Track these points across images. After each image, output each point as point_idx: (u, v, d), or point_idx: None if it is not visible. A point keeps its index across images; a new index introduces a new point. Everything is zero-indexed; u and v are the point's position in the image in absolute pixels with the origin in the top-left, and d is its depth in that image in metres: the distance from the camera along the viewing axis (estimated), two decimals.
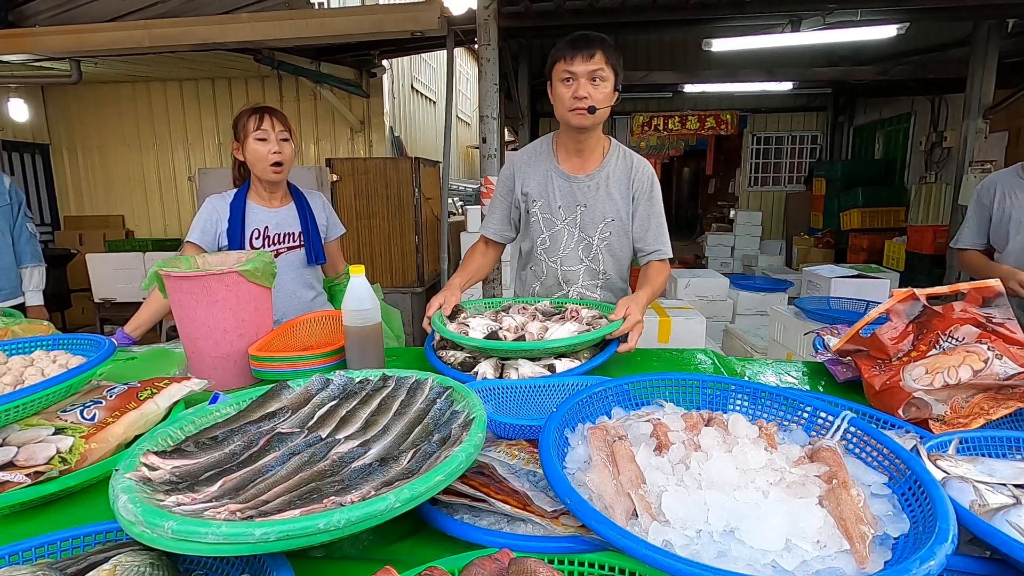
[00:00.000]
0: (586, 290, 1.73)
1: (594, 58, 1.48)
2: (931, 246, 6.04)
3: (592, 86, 1.50)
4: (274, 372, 1.26)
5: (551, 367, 1.25)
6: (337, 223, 2.06)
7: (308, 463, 0.70)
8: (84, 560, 0.60)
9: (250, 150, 1.77)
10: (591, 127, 1.57)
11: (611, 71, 1.51)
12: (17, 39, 4.28)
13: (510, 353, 1.28)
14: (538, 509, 0.69)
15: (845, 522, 0.60)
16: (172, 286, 1.30)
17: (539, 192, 1.69)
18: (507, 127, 8.40)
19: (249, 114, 1.78)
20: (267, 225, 1.86)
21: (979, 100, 5.26)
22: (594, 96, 1.50)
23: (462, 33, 4.36)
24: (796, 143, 9.41)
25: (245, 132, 1.77)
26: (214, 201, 1.85)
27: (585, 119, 1.53)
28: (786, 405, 0.86)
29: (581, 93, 1.49)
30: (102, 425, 0.91)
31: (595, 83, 1.50)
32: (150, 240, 6.48)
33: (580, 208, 1.66)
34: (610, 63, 1.50)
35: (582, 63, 1.48)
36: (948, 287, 1.17)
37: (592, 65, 1.48)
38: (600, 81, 1.50)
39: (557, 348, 1.25)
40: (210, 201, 1.85)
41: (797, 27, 4.95)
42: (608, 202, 1.66)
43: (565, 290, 1.74)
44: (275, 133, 1.78)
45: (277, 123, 1.78)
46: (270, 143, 1.76)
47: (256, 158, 1.77)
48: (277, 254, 1.86)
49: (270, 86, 6.40)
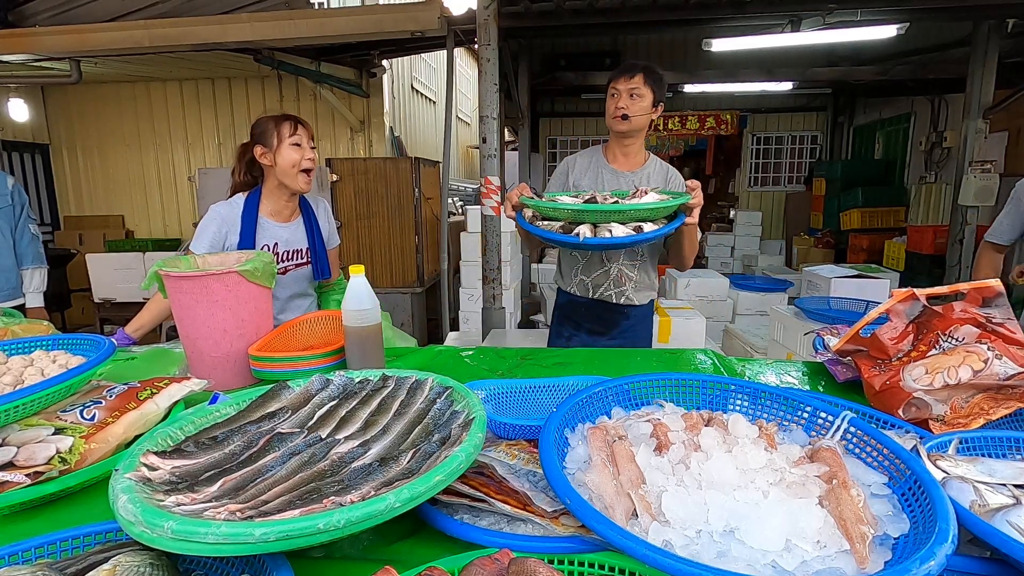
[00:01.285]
0: (625, 268, 1.97)
1: (634, 79, 1.84)
2: (931, 246, 6.04)
3: (630, 100, 1.84)
4: (274, 372, 1.26)
5: (639, 227, 1.53)
6: (335, 232, 2.05)
7: (308, 463, 0.70)
8: (84, 560, 0.60)
9: (284, 156, 1.75)
10: (628, 132, 1.90)
11: (648, 90, 1.84)
12: (17, 39, 4.28)
13: (605, 216, 1.54)
14: (538, 509, 0.69)
15: (845, 522, 0.60)
16: (172, 286, 1.30)
17: (589, 184, 1.97)
18: (507, 127, 8.39)
19: (281, 120, 1.76)
20: (276, 242, 1.83)
21: (979, 100, 5.25)
22: (631, 108, 1.85)
23: (462, 33, 4.36)
24: (796, 143, 9.40)
25: (278, 137, 1.75)
26: (221, 211, 1.78)
27: (621, 124, 1.87)
28: (786, 405, 0.86)
29: (621, 105, 1.85)
30: (102, 425, 0.91)
31: (633, 98, 1.84)
32: (150, 240, 6.49)
33: None
34: (648, 84, 1.84)
35: (624, 83, 1.85)
36: (948, 287, 1.17)
37: (631, 84, 1.84)
38: (637, 97, 1.84)
39: (644, 211, 1.52)
40: (216, 211, 1.78)
41: (797, 27, 4.95)
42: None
43: (607, 267, 1.97)
44: (307, 141, 1.78)
45: (306, 132, 1.79)
46: (304, 150, 1.77)
47: (289, 164, 1.75)
48: (284, 271, 1.84)
49: (270, 86, 6.41)
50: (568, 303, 2.09)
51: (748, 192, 9.64)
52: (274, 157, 1.76)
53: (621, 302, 1.98)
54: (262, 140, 1.77)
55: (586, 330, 2.05)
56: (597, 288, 1.99)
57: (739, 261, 8.88)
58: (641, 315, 2.05)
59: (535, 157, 8.57)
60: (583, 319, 2.06)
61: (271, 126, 1.76)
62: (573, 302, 2.07)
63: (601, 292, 1.99)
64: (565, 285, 2.09)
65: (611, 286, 1.97)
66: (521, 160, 7.96)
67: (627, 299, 1.98)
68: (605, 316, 2.01)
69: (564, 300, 2.12)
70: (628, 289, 1.97)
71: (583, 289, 2.02)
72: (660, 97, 1.88)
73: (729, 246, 9.05)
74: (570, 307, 2.09)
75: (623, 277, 1.96)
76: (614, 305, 2.00)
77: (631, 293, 1.97)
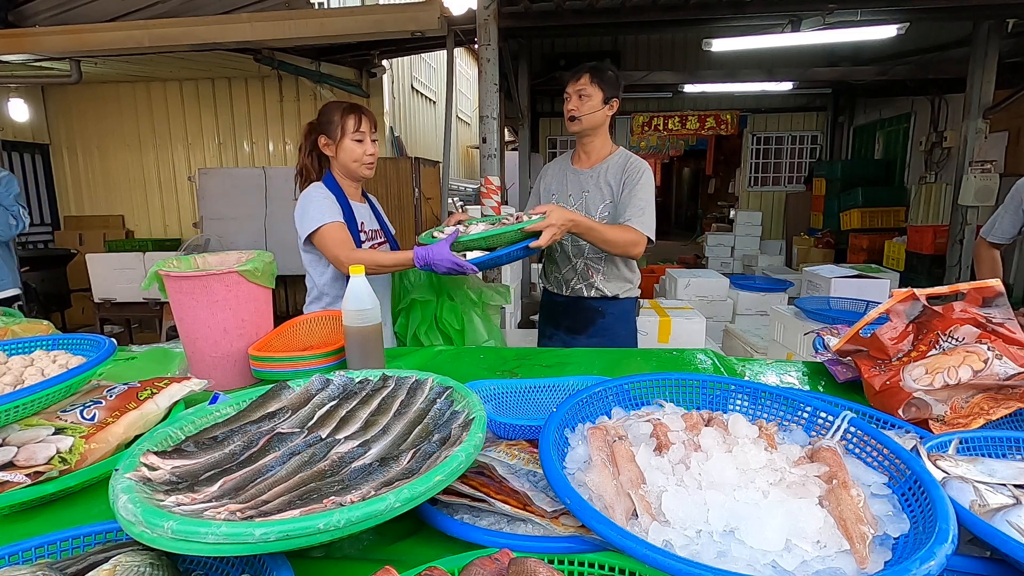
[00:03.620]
0: (591, 261, 2.04)
1: (580, 80, 1.91)
2: (931, 246, 6.04)
3: (579, 101, 1.92)
4: (274, 372, 1.26)
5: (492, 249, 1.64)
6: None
7: (308, 463, 0.70)
8: (84, 560, 0.60)
9: (347, 148, 1.79)
10: (582, 131, 1.98)
11: (595, 88, 1.90)
12: (17, 39, 4.28)
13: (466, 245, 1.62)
14: (538, 509, 0.69)
15: (845, 522, 0.60)
16: (172, 286, 1.29)
17: (557, 186, 2.10)
18: (507, 127, 8.40)
19: (346, 113, 1.79)
20: (363, 220, 1.88)
21: (979, 100, 5.26)
22: (580, 109, 1.92)
23: (462, 33, 4.36)
24: (796, 143, 9.41)
25: (342, 131, 1.78)
26: (319, 190, 1.79)
27: (573, 125, 1.96)
28: (786, 405, 0.85)
29: (570, 107, 1.94)
30: (102, 425, 0.91)
31: (581, 99, 1.92)
32: (150, 240, 6.49)
33: (584, 193, 2.03)
34: (594, 82, 1.90)
35: (572, 86, 1.93)
36: (948, 287, 1.16)
37: (579, 86, 1.91)
38: (585, 97, 1.91)
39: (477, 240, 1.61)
40: (317, 188, 1.80)
41: (797, 27, 4.95)
42: (606, 189, 1.99)
43: (573, 262, 2.05)
44: (369, 134, 1.82)
45: (369, 123, 1.82)
46: (366, 144, 1.81)
47: (353, 157, 1.80)
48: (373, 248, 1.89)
49: (270, 86, 6.40)
50: (549, 302, 2.21)
51: (748, 192, 9.64)
52: (336, 149, 1.80)
53: (592, 295, 2.05)
54: (326, 131, 1.80)
55: (564, 328, 2.13)
56: (568, 282, 2.09)
57: (739, 261, 8.88)
58: (619, 312, 2.07)
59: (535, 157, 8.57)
60: (561, 317, 2.14)
61: (336, 118, 1.78)
62: (553, 301, 2.17)
63: (572, 286, 2.08)
64: (548, 284, 2.20)
65: (579, 279, 2.07)
66: (521, 160, 7.96)
67: (598, 290, 2.04)
68: (580, 315, 2.08)
69: (546, 299, 2.23)
70: (597, 281, 2.04)
71: (558, 285, 2.13)
72: (612, 94, 1.92)
73: (729, 246, 9.06)
74: (551, 306, 2.19)
75: (589, 271, 2.04)
76: (587, 303, 2.06)
77: (600, 284, 2.04)
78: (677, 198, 17.58)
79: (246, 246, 5.47)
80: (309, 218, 1.74)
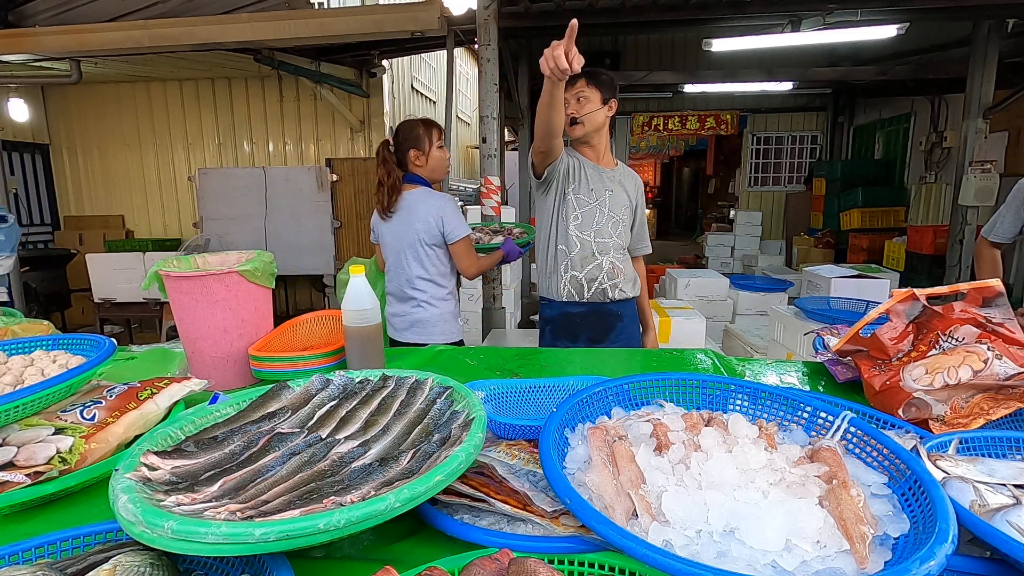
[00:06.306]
0: (616, 260, 2.02)
1: (577, 85, 1.93)
2: (931, 246, 6.03)
3: (578, 104, 1.95)
4: (274, 372, 1.26)
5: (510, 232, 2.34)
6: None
7: (308, 463, 0.70)
8: (84, 560, 0.60)
9: (436, 158, 2.13)
10: (584, 135, 1.99)
11: (593, 90, 1.93)
12: (17, 39, 4.28)
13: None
14: (538, 509, 0.69)
15: (845, 522, 0.60)
16: (172, 286, 1.29)
17: (573, 176, 2.02)
18: (507, 127, 8.39)
19: (430, 127, 2.11)
20: None
21: (979, 100, 5.26)
22: (579, 111, 1.95)
23: (462, 33, 4.37)
24: (796, 143, 9.40)
25: (430, 142, 2.10)
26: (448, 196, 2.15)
27: (574, 130, 1.98)
28: (786, 405, 0.85)
29: (570, 111, 1.94)
30: (102, 425, 0.91)
31: (580, 101, 1.95)
32: (150, 240, 6.49)
33: (608, 192, 2.02)
34: (591, 85, 1.93)
35: (569, 91, 1.92)
36: (948, 287, 1.16)
37: (576, 90, 1.93)
38: (584, 99, 1.94)
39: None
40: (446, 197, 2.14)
41: (797, 27, 4.95)
42: (624, 195, 2.06)
43: (599, 260, 2.00)
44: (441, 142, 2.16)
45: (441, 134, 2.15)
46: (444, 151, 2.17)
47: (440, 165, 2.15)
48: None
49: (270, 86, 6.40)
50: (562, 315, 2.02)
51: (748, 192, 9.63)
52: (426, 159, 2.11)
53: (616, 296, 2.01)
54: (416, 145, 2.09)
55: (585, 339, 2.00)
56: (592, 282, 1.98)
57: (739, 261, 8.87)
58: (631, 313, 2.09)
59: None
60: (580, 329, 2.00)
61: (422, 132, 2.09)
62: (567, 313, 2.01)
63: (597, 286, 1.98)
64: (554, 292, 2.03)
65: (606, 278, 1.99)
66: (521, 160, 7.95)
67: (621, 291, 2.02)
68: (601, 322, 2.01)
69: (555, 312, 2.03)
70: (620, 281, 2.02)
71: (576, 287, 1.98)
72: (609, 95, 1.96)
73: (729, 246, 9.05)
74: (564, 319, 2.02)
75: (615, 270, 2.01)
76: (608, 308, 2.01)
77: (623, 285, 2.03)
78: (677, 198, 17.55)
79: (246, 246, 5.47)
80: (462, 223, 2.07)
